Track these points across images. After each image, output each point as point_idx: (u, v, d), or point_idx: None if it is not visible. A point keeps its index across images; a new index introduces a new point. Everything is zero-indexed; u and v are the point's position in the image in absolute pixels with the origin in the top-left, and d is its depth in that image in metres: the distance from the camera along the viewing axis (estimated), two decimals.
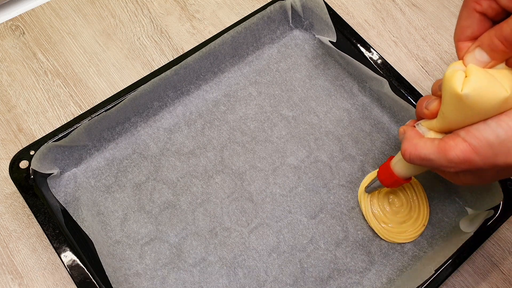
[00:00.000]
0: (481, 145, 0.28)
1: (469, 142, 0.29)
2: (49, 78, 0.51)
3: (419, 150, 0.32)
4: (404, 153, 0.33)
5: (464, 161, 0.29)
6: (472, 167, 0.29)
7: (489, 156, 0.28)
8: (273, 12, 0.51)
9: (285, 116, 0.50)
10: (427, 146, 0.31)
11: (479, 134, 0.28)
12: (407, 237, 0.44)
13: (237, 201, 0.45)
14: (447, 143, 0.30)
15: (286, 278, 0.42)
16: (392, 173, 0.39)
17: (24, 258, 0.43)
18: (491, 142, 0.28)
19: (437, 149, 0.30)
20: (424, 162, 0.32)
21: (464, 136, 0.29)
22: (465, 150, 0.29)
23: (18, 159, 0.42)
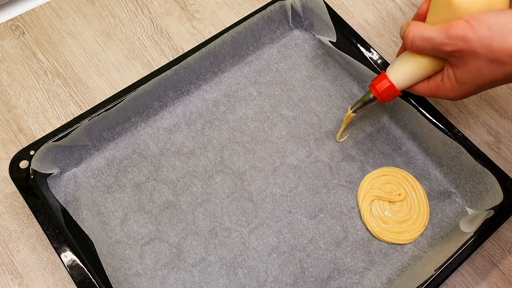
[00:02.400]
0: (480, 25, 0.31)
1: (470, 22, 0.32)
2: (49, 78, 0.51)
3: (422, 30, 0.35)
4: (407, 35, 0.36)
5: (462, 38, 0.32)
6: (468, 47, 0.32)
7: (486, 36, 0.31)
8: (273, 12, 0.51)
9: (285, 116, 0.50)
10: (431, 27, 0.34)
11: (481, 17, 0.31)
12: (408, 237, 0.44)
13: (237, 201, 0.45)
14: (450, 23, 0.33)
15: (286, 278, 0.42)
16: (387, 81, 0.40)
17: (24, 258, 0.43)
18: (490, 23, 0.31)
19: (439, 28, 0.33)
20: (424, 43, 0.34)
21: (467, 18, 0.32)
22: (464, 27, 0.32)
23: (18, 159, 0.42)
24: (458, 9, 0.33)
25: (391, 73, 0.40)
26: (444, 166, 0.46)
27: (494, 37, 0.31)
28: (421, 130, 0.46)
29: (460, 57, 0.34)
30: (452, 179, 0.46)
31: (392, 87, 0.40)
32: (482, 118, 0.51)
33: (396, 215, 0.45)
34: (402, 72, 0.39)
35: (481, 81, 0.34)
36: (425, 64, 0.38)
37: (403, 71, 0.39)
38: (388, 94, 0.41)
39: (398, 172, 0.47)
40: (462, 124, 0.50)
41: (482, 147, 0.49)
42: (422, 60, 0.38)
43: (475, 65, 0.33)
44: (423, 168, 0.47)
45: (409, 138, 0.48)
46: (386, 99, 0.42)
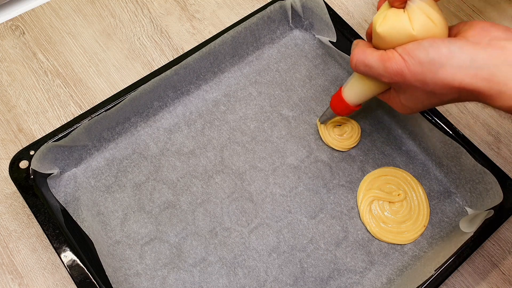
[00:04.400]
0: (412, 61, 0.32)
1: (403, 57, 0.33)
2: (49, 78, 0.51)
3: (365, 56, 0.35)
4: (352, 58, 0.37)
5: (397, 73, 0.33)
6: (404, 81, 0.33)
7: (418, 72, 0.32)
8: (273, 12, 0.51)
9: (285, 116, 0.50)
10: (373, 54, 0.35)
11: (412, 52, 0.32)
12: (407, 238, 0.44)
13: (237, 201, 0.45)
14: (387, 54, 0.34)
15: (286, 278, 0.42)
16: (342, 99, 0.43)
17: (24, 258, 0.43)
18: (421, 59, 0.32)
19: (379, 57, 0.34)
20: (366, 69, 0.36)
21: (400, 52, 0.33)
22: (399, 63, 0.33)
23: (18, 159, 0.42)
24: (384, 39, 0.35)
25: (346, 92, 0.43)
26: (444, 166, 0.46)
27: (427, 73, 0.32)
28: (421, 130, 0.46)
29: (398, 87, 0.36)
30: (452, 179, 0.46)
31: (347, 105, 0.43)
32: (482, 118, 0.51)
33: (396, 215, 0.45)
34: (354, 91, 0.42)
35: (421, 106, 0.36)
36: (372, 85, 0.40)
37: (354, 90, 0.42)
38: (345, 111, 0.44)
39: (398, 172, 0.47)
40: (462, 124, 0.50)
41: (482, 147, 0.49)
42: (370, 82, 0.40)
43: (413, 94, 0.35)
44: (423, 168, 0.47)
45: (409, 138, 0.48)
46: (343, 114, 0.44)
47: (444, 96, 0.33)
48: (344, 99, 0.42)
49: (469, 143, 0.44)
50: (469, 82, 0.30)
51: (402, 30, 0.33)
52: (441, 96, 0.33)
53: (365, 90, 0.41)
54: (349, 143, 0.48)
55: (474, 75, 0.30)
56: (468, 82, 0.30)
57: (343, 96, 0.43)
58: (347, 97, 0.42)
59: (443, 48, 0.31)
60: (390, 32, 0.34)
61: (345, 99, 0.42)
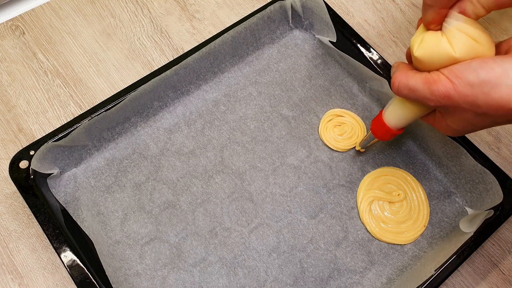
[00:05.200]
0: (461, 83, 0.30)
1: (451, 79, 0.31)
2: (49, 78, 0.51)
3: (408, 79, 0.34)
4: (394, 81, 0.35)
5: (444, 96, 0.31)
6: (452, 104, 0.31)
7: (468, 95, 0.30)
8: (273, 12, 0.51)
9: (285, 116, 0.50)
10: (416, 77, 0.33)
11: (460, 74, 0.30)
12: (408, 238, 0.44)
13: (237, 201, 0.45)
14: (432, 76, 0.32)
15: (286, 278, 0.42)
16: (383, 123, 0.41)
17: (24, 258, 0.43)
18: (471, 81, 0.30)
19: (423, 80, 0.32)
20: (410, 93, 0.34)
21: (447, 74, 0.31)
22: (446, 85, 0.31)
23: (18, 159, 0.42)
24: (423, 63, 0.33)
25: (387, 116, 0.41)
26: (444, 166, 0.46)
27: (478, 95, 0.30)
28: (421, 130, 0.46)
29: (445, 109, 0.34)
30: (452, 179, 0.46)
31: (388, 129, 0.41)
32: None
33: (396, 216, 0.45)
34: (396, 115, 0.40)
35: (472, 128, 0.34)
36: (415, 109, 0.38)
37: (396, 114, 0.39)
38: (386, 135, 0.42)
39: (398, 172, 0.47)
40: None
41: (482, 147, 0.49)
42: (412, 106, 0.38)
43: (462, 117, 0.33)
44: (423, 168, 0.47)
45: (409, 138, 0.48)
46: (384, 138, 0.42)
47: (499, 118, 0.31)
48: (386, 123, 0.40)
49: (469, 143, 0.44)
50: None
51: (443, 53, 0.31)
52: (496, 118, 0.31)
53: (407, 114, 0.38)
54: (349, 143, 0.48)
55: None
56: None
57: (385, 121, 0.40)
58: (388, 121, 0.40)
59: (495, 68, 0.29)
60: (430, 56, 0.32)
61: (386, 124, 0.40)
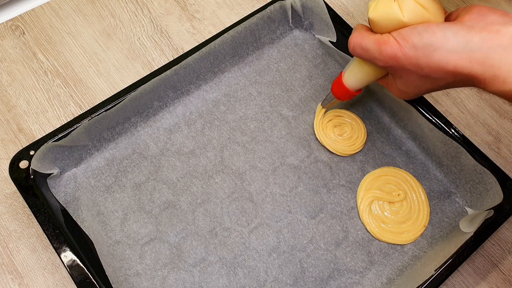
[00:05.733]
0: (406, 45, 0.33)
1: (398, 41, 0.33)
2: (49, 78, 0.51)
3: (362, 39, 0.36)
4: (350, 41, 0.37)
5: (391, 57, 0.33)
6: (398, 65, 0.34)
7: (413, 56, 0.32)
8: (273, 12, 0.51)
9: (285, 116, 0.50)
10: (369, 37, 0.35)
11: (407, 36, 0.33)
12: (408, 238, 0.44)
13: (237, 201, 0.45)
14: (382, 37, 0.34)
15: (286, 278, 0.42)
16: (342, 84, 0.43)
17: (24, 258, 0.43)
18: (416, 43, 0.32)
19: (375, 41, 0.35)
20: (363, 52, 0.36)
21: (395, 36, 0.33)
22: (394, 47, 0.33)
23: (18, 159, 0.42)
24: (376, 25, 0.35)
25: (345, 77, 0.43)
26: (444, 166, 0.46)
27: (421, 57, 0.32)
28: (421, 130, 0.46)
29: (394, 71, 0.36)
30: (452, 179, 0.46)
31: (347, 90, 0.43)
32: (482, 118, 0.51)
33: (396, 216, 0.45)
34: (354, 75, 0.42)
35: (418, 90, 0.36)
36: (371, 70, 0.40)
37: (354, 74, 0.42)
38: (345, 95, 0.44)
39: (398, 172, 0.47)
40: (462, 124, 0.50)
41: (482, 147, 0.49)
42: (368, 67, 0.40)
43: (409, 79, 0.35)
44: (423, 168, 0.47)
45: (409, 138, 0.48)
46: (343, 98, 0.45)
47: (439, 80, 0.33)
48: (344, 84, 0.43)
49: (469, 143, 0.44)
50: (463, 66, 0.31)
51: (393, 17, 0.34)
52: (436, 80, 0.33)
53: (364, 75, 0.41)
54: (349, 143, 0.48)
55: (468, 59, 0.30)
56: (462, 66, 0.31)
57: (343, 81, 0.43)
58: (347, 82, 0.43)
59: (437, 32, 0.31)
60: (382, 18, 0.34)
61: (345, 84, 0.43)
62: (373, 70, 0.40)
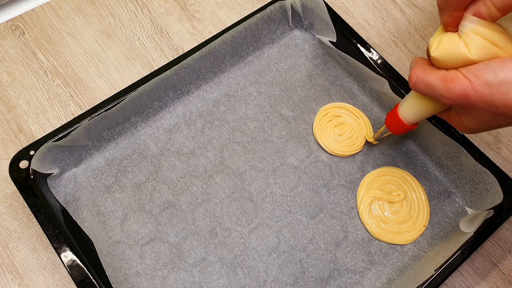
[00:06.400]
0: (479, 82, 0.30)
1: (469, 78, 0.30)
2: (49, 78, 0.51)
3: (426, 75, 0.33)
4: (411, 76, 0.35)
5: (461, 95, 0.31)
6: (468, 103, 0.31)
7: (486, 94, 0.30)
8: (273, 12, 0.51)
9: (285, 116, 0.50)
10: (433, 73, 0.33)
11: (478, 73, 0.30)
12: (408, 238, 0.44)
13: (237, 201, 0.45)
14: (450, 74, 0.32)
15: (286, 278, 0.42)
16: (398, 117, 0.41)
17: (24, 258, 0.43)
18: (489, 81, 0.30)
19: (441, 77, 0.32)
20: (426, 89, 0.34)
21: (465, 73, 0.31)
22: (464, 84, 0.31)
23: (18, 159, 0.42)
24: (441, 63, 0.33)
25: (402, 110, 0.40)
26: (444, 166, 0.46)
27: (496, 95, 0.30)
28: (421, 130, 0.46)
29: (462, 108, 0.34)
30: (452, 179, 0.46)
31: (403, 124, 0.41)
32: None
33: (396, 216, 0.45)
34: (411, 110, 0.39)
35: (488, 127, 0.34)
36: (431, 105, 0.38)
37: (412, 109, 0.39)
38: (400, 129, 0.42)
39: (398, 172, 0.47)
40: None
41: (482, 147, 0.49)
42: (428, 102, 0.38)
43: (479, 116, 0.33)
44: (423, 168, 0.47)
45: (409, 138, 0.48)
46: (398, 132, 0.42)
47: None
48: (400, 117, 0.40)
49: (469, 143, 0.44)
50: None
51: (460, 56, 0.31)
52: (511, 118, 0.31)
53: (423, 110, 0.38)
54: (349, 143, 0.48)
55: None
56: None
57: (399, 115, 0.40)
58: (403, 116, 0.40)
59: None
60: (447, 57, 0.32)
61: (401, 118, 0.40)
62: (435, 105, 0.37)
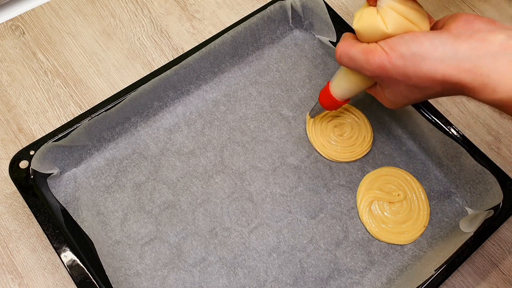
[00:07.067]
0: (394, 55, 0.32)
1: (386, 51, 0.33)
2: (49, 78, 0.51)
3: (349, 48, 0.35)
4: (337, 50, 0.37)
5: (379, 67, 0.33)
6: (386, 74, 0.33)
7: (400, 66, 0.32)
8: (273, 12, 0.51)
9: (285, 116, 0.50)
10: (356, 46, 0.35)
11: (394, 46, 0.32)
12: (408, 238, 0.44)
13: (237, 201, 0.45)
14: (369, 47, 0.34)
15: (286, 278, 0.42)
16: (330, 94, 0.43)
17: (24, 258, 0.43)
18: (403, 53, 0.32)
19: (362, 50, 0.34)
20: (349, 61, 0.36)
21: (382, 45, 0.33)
22: (382, 56, 0.33)
23: (18, 159, 0.42)
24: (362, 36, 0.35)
25: (333, 86, 0.43)
26: (444, 166, 0.46)
27: (409, 66, 0.32)
28: (421, 130, 0.46)
29: (381, 81, 0.35)
30: (452, 179, 0.46)
31: (334, 100, 0.43)
32: (482, 118, 0.51)
33: (396, 216, 0.45)
34: (341, 85, 0.42)
35: (406, 100, 0.36)
36: (358, 80, 0.39)
37: (341, 84, 0.41)
38: (333, 105, 0.44)
39: (398, 172, 0.47)
40: (462, 124, 0.50)
41: (482, 147, 0.49)
42: (355, 77, 0.39)
43: (396, 88, 0.35)
44: (423, 168, 0.47)
45: (409, 138, 0.48)
46: (331, 108, 0.45)
47: (428, 89, 0.33)
48: (332, 93, 0.43)
49: (469, 143, 0.44)
50: (451, 74, 0.30)
51: (377, 29, 0.33)
52: (425, 90, 0.33)
53: (351, 85, 0.40)
54: (349, 143, 0.48)
55: (457, 67, 0.30)
56: (451, 74, 0.30)
57: (331, 91, 0.43)
58: (334, 92, 0.42)
59: (425, 42, 0.31)
60: (366, 30, 0.34)
61: (332, 94, 0.43)
62: (361, 79, 0.39)
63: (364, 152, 0.47)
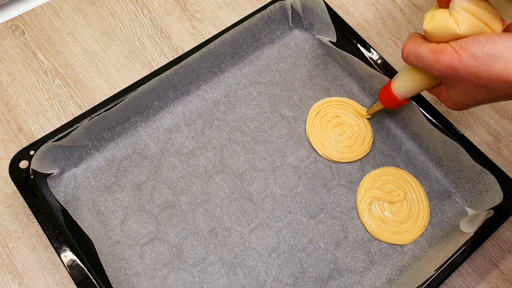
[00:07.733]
0: (466, 54, 0.32)
1: (457, 50, 0.32)
2: (49, 78, 0.51)
3: (417, 47, 0.35)
4: (404, 48, 0.36)
5: (448, 66, 0.33)
6: (455, 74, 0.33)
7: (471, 66, 0.32)
8: (273, 12, 0.51)
9: (285, 116, 0.50)
10: (424, 45, 0.35)
11: (466, 46, 0.32)
12: (408, 238, 0.44)
13: (237, 201, 0.45)
14: (439, 46, 0.34)
15: (286, 278, 0.42)
16: (390, 92, 0.42)
17: (24, 258, 0.43)
18: (475, 53, 0.31)
19: (431, 49, 0.34)
20: (417, 60, 0.35)
21: (454, 45, 0.33)
22: (452, 55, 0.32)
23: (18, 159, 0.42)
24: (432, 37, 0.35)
25: (395, 84, 0.42)
26: (444, 166, 0.46)
27: (480, 67, 0.31)
28: (421, 130, 0.46)
29: (449, 80, 0.35)
30: (452, 179, 0.46)
31: (395, 98, 0.43)
32: (482, 118, 0.51)
33: (396, 216, 0.45)
34: (403, 84, 0.41)
35: (473, 101, 0.35)
36: (422, 79, 0.39)
37: (404, 83, 0.41)
38: (392, 103, 0.44)
39: (398, 172, 0.47)
40: (462, 124, 0.50)
41: (482, 147, 0.49)
42: (420, 76, 0.39)
43: (464, 89, 0.34)
44: (423, 168, 0.47)
45: (409, 138, 0.48)
46: (390, 106, 0.44)
47: (498, 91, 0.32)
48: (393, 91, 0.42)
49: (469, 143, 0.44)
50: None
51: (450, 31, 0.33)
52: (494, 91, 0.32)
53: (414, 83, 0.40)
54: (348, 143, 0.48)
55: None
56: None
57: (392, 89, 0.42)
58: (396, 90, 0.42)
59: (499, 42, 0.31)
60: (438, 31, 0.34)
61: (394, 92, 0.42)
62: (425, 79, 0.39)
63: (364, 152, 0.47)
